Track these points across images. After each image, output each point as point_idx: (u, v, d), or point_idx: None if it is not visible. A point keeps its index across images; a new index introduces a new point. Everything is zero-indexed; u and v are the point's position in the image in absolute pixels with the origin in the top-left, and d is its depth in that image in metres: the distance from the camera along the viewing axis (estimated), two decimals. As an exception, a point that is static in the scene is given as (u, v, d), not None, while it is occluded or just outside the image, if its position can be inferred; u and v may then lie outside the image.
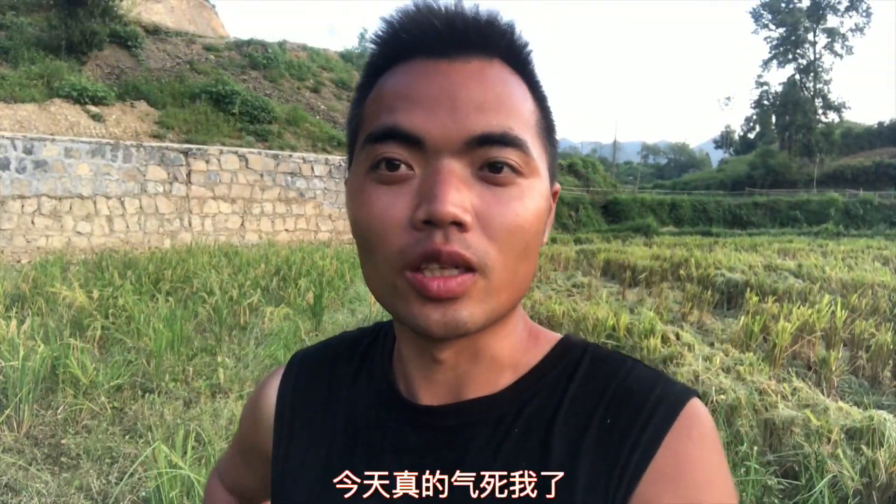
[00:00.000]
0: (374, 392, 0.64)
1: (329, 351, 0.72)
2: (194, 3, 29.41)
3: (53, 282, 7.14)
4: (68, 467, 3.38)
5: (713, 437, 0.53)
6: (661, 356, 4.86)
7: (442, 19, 0.52)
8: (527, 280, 0.55)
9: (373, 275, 0.54)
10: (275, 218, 16.02)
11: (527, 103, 0.54)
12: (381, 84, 0.54)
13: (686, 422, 0.52)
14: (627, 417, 0.53)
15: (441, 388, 0.59)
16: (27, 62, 15.48)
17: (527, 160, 0.52)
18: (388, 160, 0.51)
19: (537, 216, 0.53)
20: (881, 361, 5.48)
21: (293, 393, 0.69)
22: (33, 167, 12.28)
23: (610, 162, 67.75)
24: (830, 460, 2.96)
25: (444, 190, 0.48)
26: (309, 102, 21.51)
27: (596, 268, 12.44)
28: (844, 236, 25.78)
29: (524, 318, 0.63)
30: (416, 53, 0.53)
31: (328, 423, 0.65)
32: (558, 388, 0.58)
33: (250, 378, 4.74)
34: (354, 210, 0.54)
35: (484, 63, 0.52)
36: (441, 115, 0.50)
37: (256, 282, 8.15)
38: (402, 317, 0.52)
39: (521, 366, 0.60)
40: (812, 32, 48.76)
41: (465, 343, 0.56)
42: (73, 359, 4.35)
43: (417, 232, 0.49)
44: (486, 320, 0.52)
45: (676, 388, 0.55)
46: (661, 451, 0.51)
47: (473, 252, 0.49)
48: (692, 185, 48.80)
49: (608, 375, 0.57)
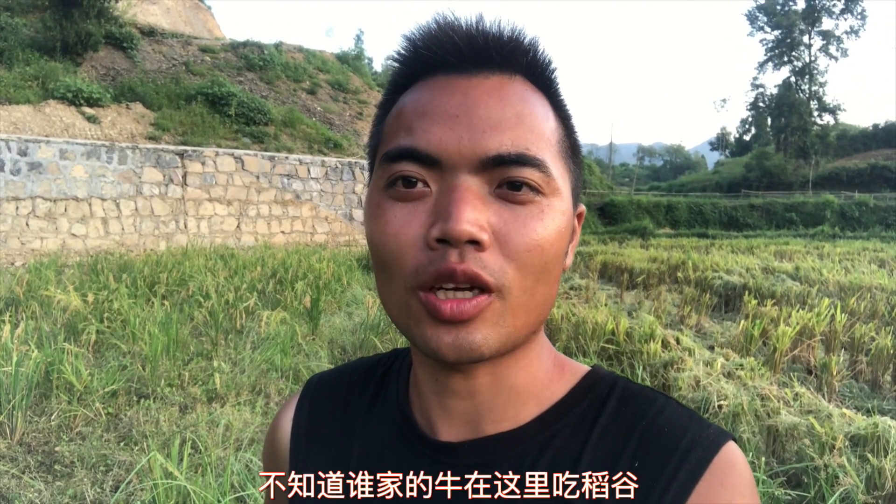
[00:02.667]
0: (389, 423, 0.61)
1: (344, 377, 0.69)
2: (190, 4, 29.34)
3: (48, 285, 7.08)
4: (62, 475, 3.33)
5: (749, 486, 0.50)
6: (662, 361, 4.82)
7: (462, 36, 0.51)
8: (547, 304, 0.52)
9: (387, 294, 0.52)
10: (271, 220, 15.97)
11: (549, 122, 0.52)
12: (402, 102, 0.53)
13: (720, 469, 0.49)
14: (657, 461, 0.50)
15: (459, 420, 0.56)
16: (22, 63, 15.41)
17: (547, 180, 0.50)
18: (405, 178, 0.49)
19: (558, 236, 0.51)
20: (881, 365, 5.46)
21: (308, 422, 0.67)
22: (28, 169, 12.22)
23: (606, 164, 67.95)
24: (840, 472, 2.92)
25: (459, 208, 0.46)
26: (305, 104, 21.46)
27: (593, 270, 12.42)
28: (840, 238, 25.88)
29: (549, 347, 0.59)
30: (437, 70, 0.52)
31: (342, 454, 0.62)
32: (584, 426, 0.54)
33: (247, 383, 4.69)
34: (370, 228, 0.52)
35: (504, 80, 0.51)
36: (458, 132, 0.48)
37: (253, 285, 8.09)
38: (414, 339, 0.50)
39: (545, 399, 0.56)
40: (807, 35, 49.03)
41: (482, 370, 0.53)
42: (67, 364, 4.30)
43: (432, 251, 0.47)
44: (502, 345, 0.49)
45: (711, 432, 0.52)
46: (691, 501, 0.48)
47: (490, 272, 0.47)
48: (688, 186, 48.94)
49: (638, 414, 0.54)
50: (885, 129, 49.20)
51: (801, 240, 23.82)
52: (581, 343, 5.60)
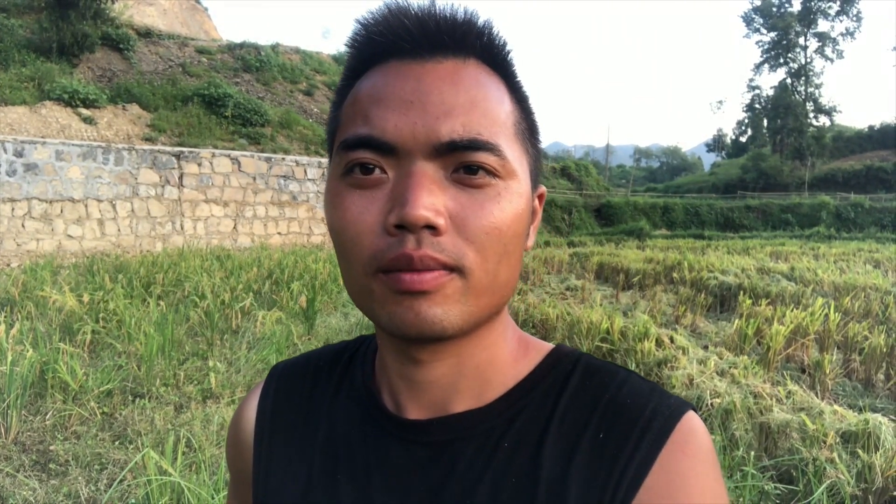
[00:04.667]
0: (355, 405, 0.61)
1: (310, 363, 0.69)
2: (187, 5, 29.34)
3: (43, 286, 7.08)
4: (56, 474, 3.33)
5: (709, 453, 0.51)
6: (656, 359, 4.84)
7: (413, 20, 0.50)
8: (509, 285, 0.53)
9: (349, 279, 0.52)
10: (267, 221, 15.96)
11: (504, 105, 0.52)
12: (357, 88, 0.53)
13: (681, 437, 0.50)
14: (621, 432, 0.51)
15: (426, 400, 0.56)
16: (18, 64, 15.40)
17: (502, 163, 0.50)
18: (362, 165, 0.50)
19: (516, 218, 0.51)
20: (874, 364, 5.49)
21: (272, 408, 0.66)
22: (24, 170, 12.20)
23: (603, 165, 68.03)
24: (828, 465, 2.95)
25: (415, 193, 0.47)
26: (302, 105, 21.48)
27: (589, 271, 12.45)
28: (836, 239, 25.95)
29: (513, 327, 0.60)
30: (390, 56, 0.52)
31: (308, 439, 0.62)
32: (549, 401, 0.55)
33: (242, 383, 4.69)
34: (330, 215, 0.53)
35: (458, 64, 0.51)
36: (412, 118, 0.48)
37: (249, 285, 8.10)
38: (378, 318, 0.51)
39: (511, 377, 0.57)
40: (803, 37, 49.22)
41: (447, 351, 0.54)
42: (62, 364, 4.30)
43: (390, 237, 0.48)
44: (465, 322, 0.50)
45: (671, 402, 0.53)
46: (654, 469, 0.49)
47: (448, 254, 0.47)
48: (684, 188, 49.09)
49: (601, 387, 0.55)
50: (880, 131, 49.35)
51: (796, 241, 23.89)
52: (576, 342, 5.62)
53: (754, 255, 15.73)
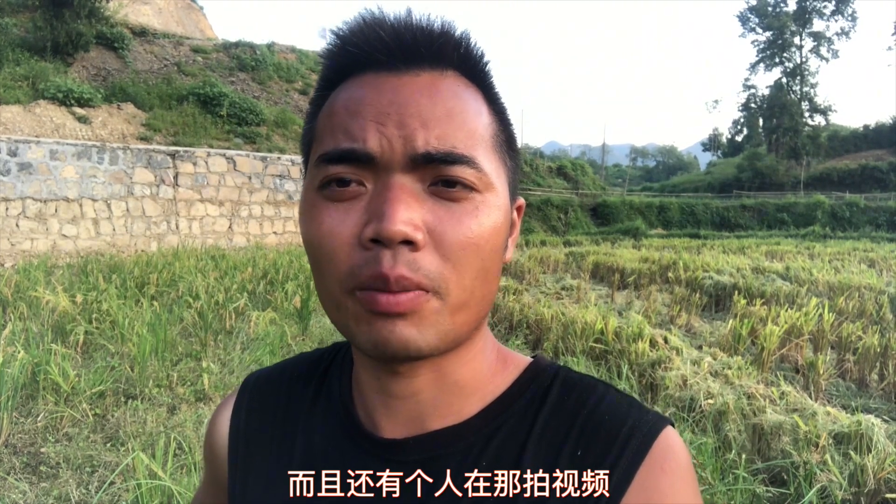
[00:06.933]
0: (332, 420, 0.60)
1: (284, 374, 0.68)
2: (182, 4, 29.26)
3: (36, 286, 7.04)
4: (47, 476, 3.32)
5: (687, 469, 0.51)
6: (650, 360, 4.84)
7: (389, 32, 0.50)
8: (486, 301, 0.52)
9: (324, 294, 0.51)
10: (263, 221, 15.93)
11: (481, 117, 0.52)
12: (333, 99, 0.52)
13: (659, 454, 0.50)
14: (599, 449, 0.51)
15: (403, 417, 0.55)
16: (12, 63, 15.34)
17: (479, 176, 0.49)
18: (339, 179, 0.49)
19: (494, 232, 0.50)
20: (868, 364, 5.50)
21: (247, 419, 0.65)
22: (18, 169, 12.15)
23: (599, 165, 68.16)
24: (819, 468, 2.95)
25: (393, 207, 0.46)
26: (298, 104, 21.44)
27: (585, 270, 12.45)
28: (831, 238, 26.04)
29: (492, 341, 0.59)
30: (366, 68, 0.51)
31: (286, 453, 0.61)
32: (527, 417, 0.55)
33: (235, 383, 4.68)
34: (305, 228, 0.52)
35: (436, 76, 0.50)
36: (390, 131, 0.48)
37: (243, 286, 8.07)
38: (353, 336, 0.50)
39: (489, 392, 0.57)
40: (798, 36, 49.29)
41: (425, 368, 0.53)
42: (54, 365, 4.28)
43: (366, 251, 0.47)
44: (441, 342, 0.49)
45: (649, 418, 0.53)
46: (633, 486, 0.49)
47: (425, 273, 0.46)
48: (680, 187, 49.17)
49: (579, 403, 0.55)
50: (875, 130, 49.52)
51: (792, 240, 23.95)
52: (570, 343, 5.62)
53: (750, 255, 15.76)
